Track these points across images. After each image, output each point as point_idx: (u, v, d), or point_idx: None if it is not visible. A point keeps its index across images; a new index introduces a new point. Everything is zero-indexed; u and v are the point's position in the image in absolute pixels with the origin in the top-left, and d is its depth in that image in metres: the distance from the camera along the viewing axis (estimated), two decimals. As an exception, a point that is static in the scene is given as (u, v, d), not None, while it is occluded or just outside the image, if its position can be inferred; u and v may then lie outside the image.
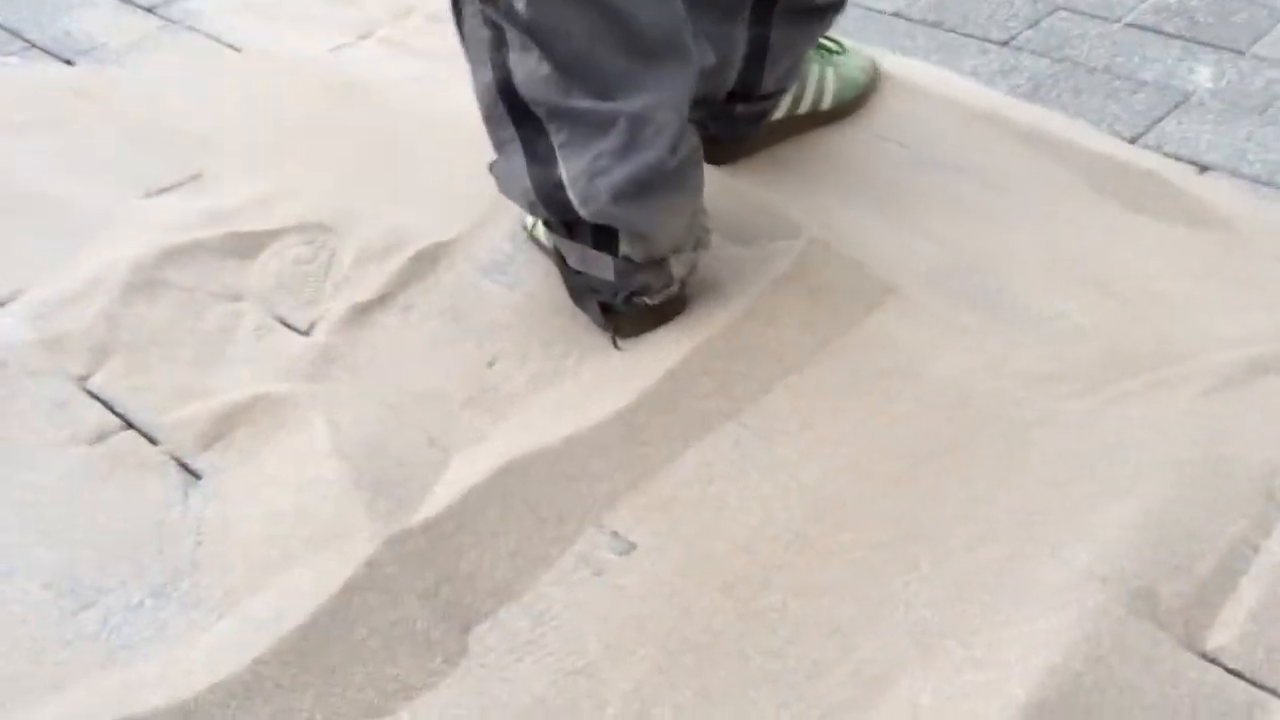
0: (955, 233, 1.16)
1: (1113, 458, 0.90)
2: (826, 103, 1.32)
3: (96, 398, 0.97)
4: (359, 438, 0.91)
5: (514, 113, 0.96)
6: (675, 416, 0.95)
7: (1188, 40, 1.52)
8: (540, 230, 1.11)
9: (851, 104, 1.35)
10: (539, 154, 0.96)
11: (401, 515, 0.84)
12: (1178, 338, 1.01)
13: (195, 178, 1.27)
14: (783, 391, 0.98)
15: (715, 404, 0.96)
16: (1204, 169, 1.26)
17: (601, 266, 1.00)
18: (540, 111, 0.94)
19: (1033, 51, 1.51)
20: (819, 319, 1.04)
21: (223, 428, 0.93)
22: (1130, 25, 1.56)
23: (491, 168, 1.04)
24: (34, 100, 1.42)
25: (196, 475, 0.90)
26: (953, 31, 1.57)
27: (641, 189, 0.94)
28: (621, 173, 0.93)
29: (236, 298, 1.08)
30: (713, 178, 1.23)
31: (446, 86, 1.44)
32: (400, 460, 0.90)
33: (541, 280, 1.11)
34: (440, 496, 0.86)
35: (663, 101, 0.94)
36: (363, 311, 1.06)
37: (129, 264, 1.09)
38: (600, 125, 0.93)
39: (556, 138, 0.95)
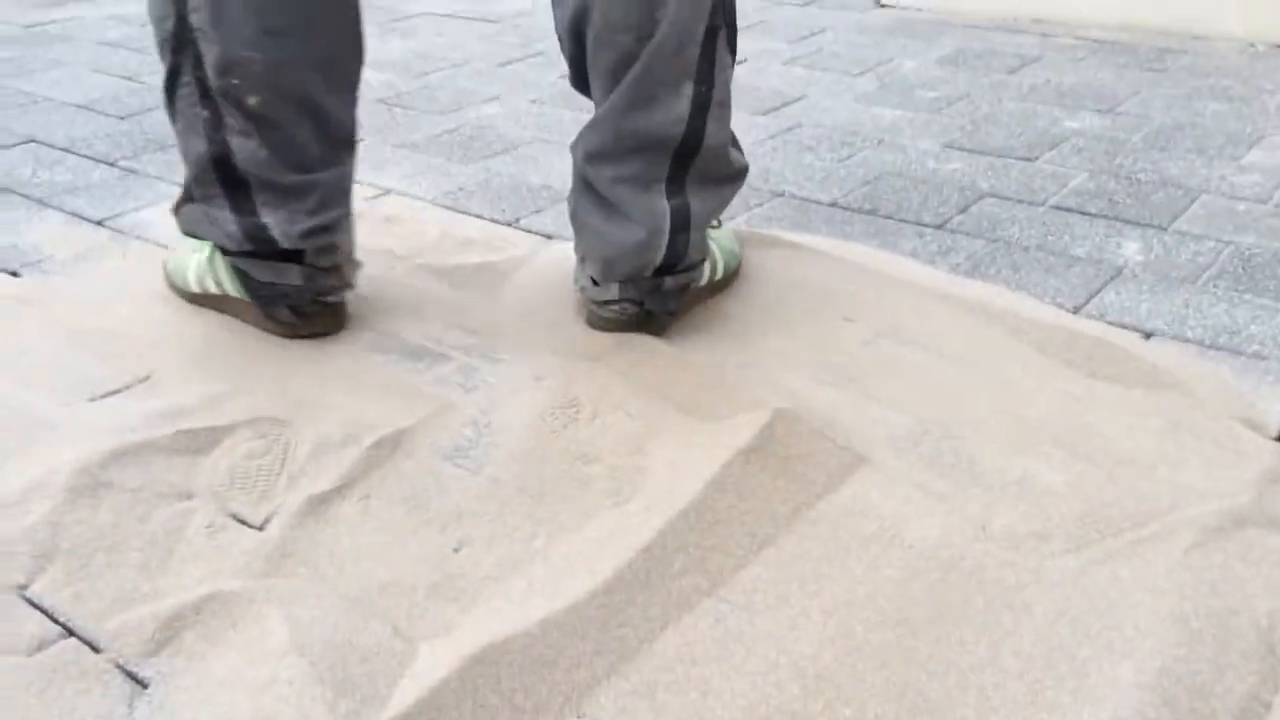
0: (917, 401, 1.17)
1: (1109, 617, 0.88)
2: (719, 274, 1.39)
3: (36, 606, 0.90)
4: (319, 633, 0.85)
5: (224, 178, 1.21)
6: (652, 595, 0.91)
7: (1111, 219, 1.60)
8: (213, 280, 1.33)
9: (734, 274, 1.43)
10: (243, 208, 1.22)
11: (367, 714, 0.78)
12: (1154, 495, 1.01)
13: (144, 380, 1.24)
14: (761, 564, 0.95)
15: (692, 581, 0.93)
16: (1149, 335, 1.30)
17: (291, 275, 1.25)
18: (250, 181, 1.21)
19: (967, 233, 1.57)
20: (791, 490, 1.02)
21: (170, 631, 0.86)
22: (1055, 208, 1.65)
23: (177, 212, 1.30)
24: (-22, 311, 1.39)
25: (143, 684, 0.83)
26: (888, 218, 1.64)
27: (327, 229, 1.24)
28: (314, 221, 1.23)
29: (186, 496, 1.03)
30: (665, 354, 1.24)
31: (399, 281, 1.45)
32: (364, 655, 0.84)
33: (505, 464, 1.09)
34: (408, 691, 0.79)
35: (344, 175, 1.27)
36: (320, 503, 1.02)
37: (72, 467, 1.04)
38: (298, 192, 1.22)
39: (259, 198, 1.22)
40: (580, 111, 2.14)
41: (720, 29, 1.19)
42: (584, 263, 1.29)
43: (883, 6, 2.88)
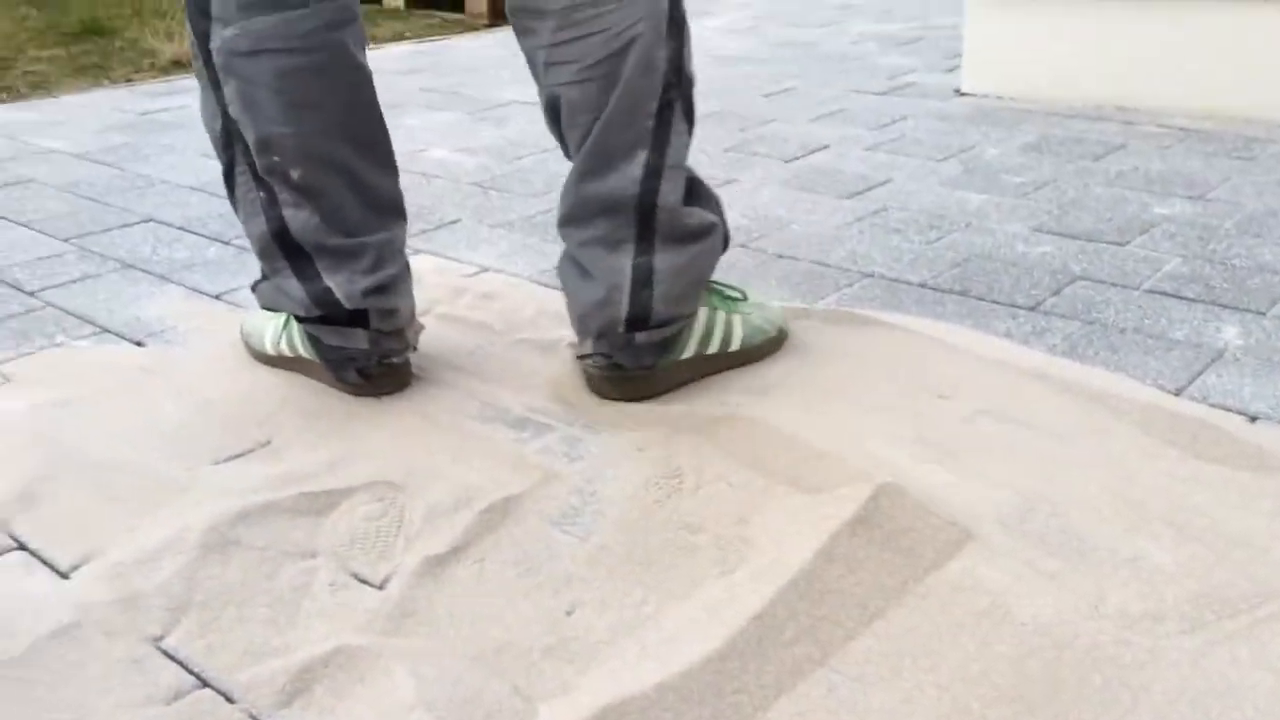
0: (1021, 478, 1.17)
1: (1228, 698, 0.86)
2: (734, 345, 1.42)
3: (172, 657, 0.94)
4: (443, 690, 0.87)
5: (286, 249, 1.32)
6: (764, 663, 0.92)
7: (1208, 303, 1.60)
8: (286, 343, 1.43)
9: (759, 349, 1.45)
10: (308, 275, 1.33)
11: (493, 770, 0.79)
12: (1268, 577, 1.00)
13: (264, 445, 1.29)
14: (872, 637, 0.95)
15: (804, 650, 0.94)
16: (1254, 418, 1.29)
17: (358, 339, 1.34)
18: (309, 248, 1.32)
19: (1061, 315, 1.58)
20: (898, 563, 1.03)
21: (301, 684, 0.89)
22: (1150, 292, 1.65)
23: (255, 289, 1.43)
24: (104, 376, 1.47)
25: (274, 734, 0.86)
26: (980, 299, 1.65)
27: (386, 286, 1.34)
28: (371, 280, 1.32)
29: (310, 555, 1.07)
30: (764, 427, 1.26)
31: (500, 354, 1.50)
32: (487, 712, 0.86)
33: (612, 531, 1.11)
34: (532, 750, 0.81)
35: (394, 234, 1.36)
36: (437, 565, 1.05)
37: (203, 526, 1.09)
38: (352, 253, 1.32)
39: (320, 263, 1.32)
40: (670, 195, 2.20)
41: (675, 102, 1.30)
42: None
43: (962, 95, 2.93)
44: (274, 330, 1.46)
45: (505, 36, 4.34)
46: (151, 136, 2.82)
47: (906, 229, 1.96)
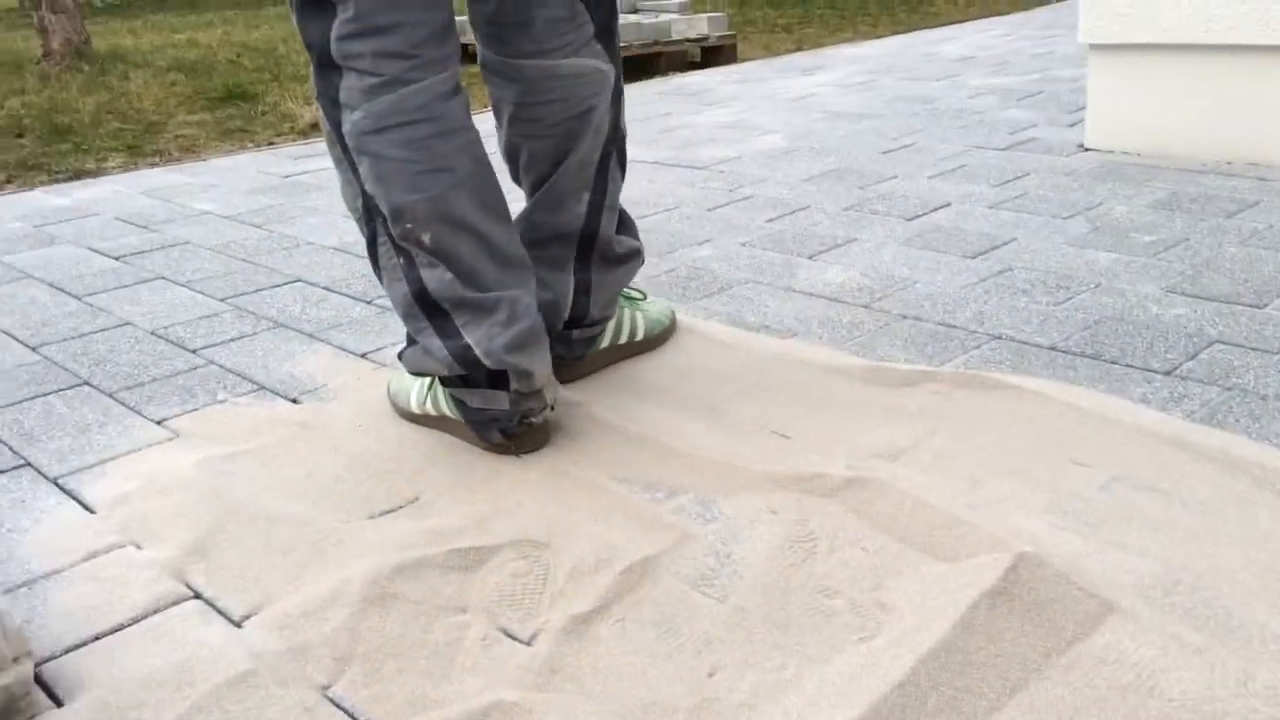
0: (1162, 549, 1.16)
1: (1392, 785, 0.84)
2: (639, 335, 1.75)
3: (339, 706, 1.00)
4: (595, 747, 0.91)
5: (426, 309, 1.41)
6: (907, 733, 0.93)
7: (1356, 368, 1.55)
8: (431, 403, 1.52)
9: (659, 337, 1.79)
10: (449, 333, 1.41)
11: (646, 828, 0.82)
12: None
13: (413, 500, 1.36)
14: (1015, 709, 0.96)
15: (946, 720, 0.95)
16: None
17: (499, 401, 1.42)
18: (447, 305, 1.40)
19: (1199, 380, 1.56)
20: (1040, 635, 1.03)
21: (460, 735, 0.94)
22: (1292, 355, 1.61)
23: (401, 356, 1.50)
24: (264, 432, 1.56)
25: (436, 783, 0.90)
26: (1113, 363, 1.64)
27: (523, 342, 1.40)
28: (509, 334, 1.39)
29: (461, 610, 1.13)
30: (895, 491, 1.27)
31: (636, 415, 1.54)
32: (638, 771, 0.89)
33: (749, 593, 1.14)
34: (683, 809, 0.84)
35: (524, 290, 1.43)
36: (581, 623, 1.10)
37: (363, 579, 1.15)
38: (489, 307, 1.40)
39: (459, 320, 1.40)
40: (791, 255, 2.24)
41: (612, 154, 1.59)
42: None
43: (1086, 150, 2.90)
44: (419, 390, 1.54)
45: (623, 95, 4.46)
46: (295, 199, 2.99)
47: (1033, 289, 1.96)
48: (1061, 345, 1.71)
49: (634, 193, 2.83)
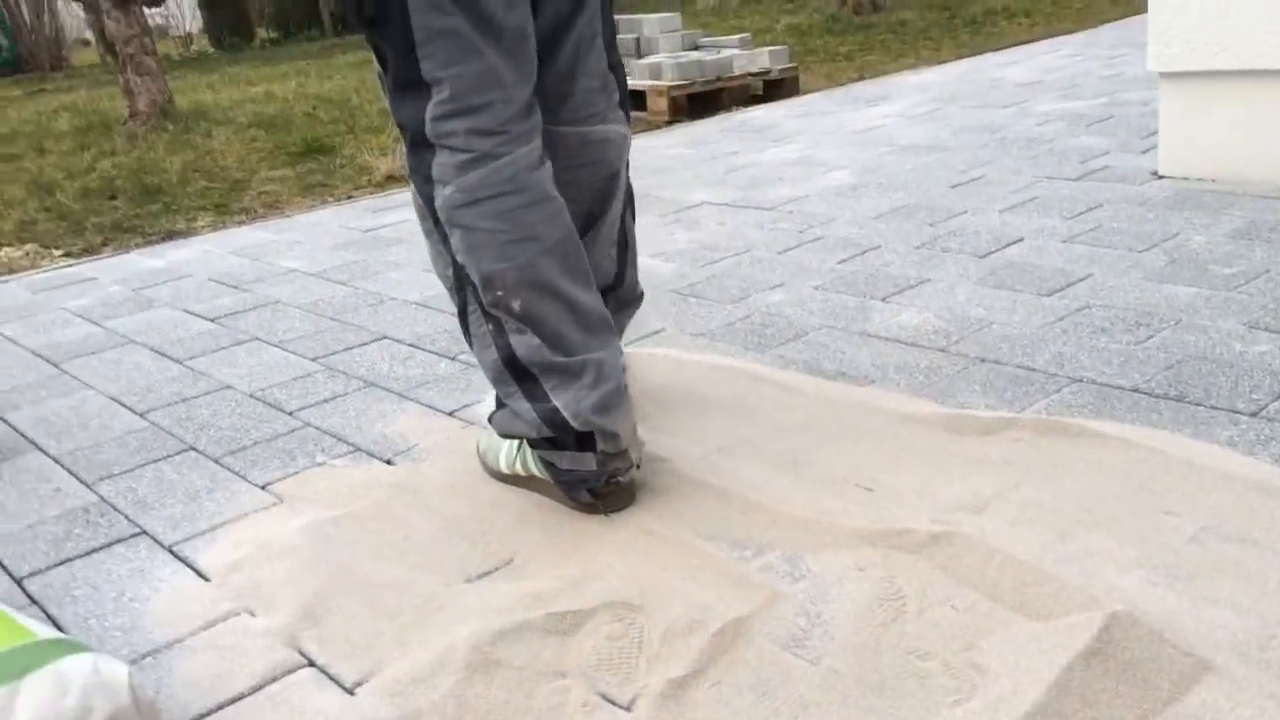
0: (1257, 603, 1.16)
1: None
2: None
3: (452, 772, 1.04)
4: (699, 815, 0.94)
5: (515, 374, 1.46)
6: (1006, 798, 0.95)
7: None
8: (520, 464, 1.57)
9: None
10: (538, 396, 1.45)
11: None
12: None
13: (508, 562, 1.41)
14: (1113, 772, 0.97)
15: (1045, 785, 0.96)
16: None
17: (586, 462, 1.46)
18: (535, 370, 1.45)
19: (1288, 422, 1.54)
20: (1135, 696, 1.04)
21: (568, 803, 0.98)
22: (1385, 393, 1.59)
23: (491, 419, 1.55)
24: (361, 494, 1.63)
25: None
26: (1197, 405, 1.63)
27: (608, 404, 1.44)
28: (595, 396, 1.44)
29: (561, 675, 1.17)
30: (983, 547, 1.28)
31: (720, 470, 1.58)
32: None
33: (841, 655, 1.16)
34: None
35: (609, 352, 1.48)
36: (678, 687, 1.13)
37: (467, 645, 1.20)
38: (575, 371, 1.44)
39: (547, 384, 1.45)
40: (864, 298, 2.26)
41: (628, 208, 1.71)
42: None
43: (1160, 178, 2.87)
44: (509, 451, 1.59)
45: (686, 133, 4.52)
46: (376, 253, 3.08)
47: (1113, 328, 1.95)
48: (1144, 387, 1.71)
49: (705, 236, 2.87)
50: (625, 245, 1.71)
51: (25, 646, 1.10)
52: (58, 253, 3.57)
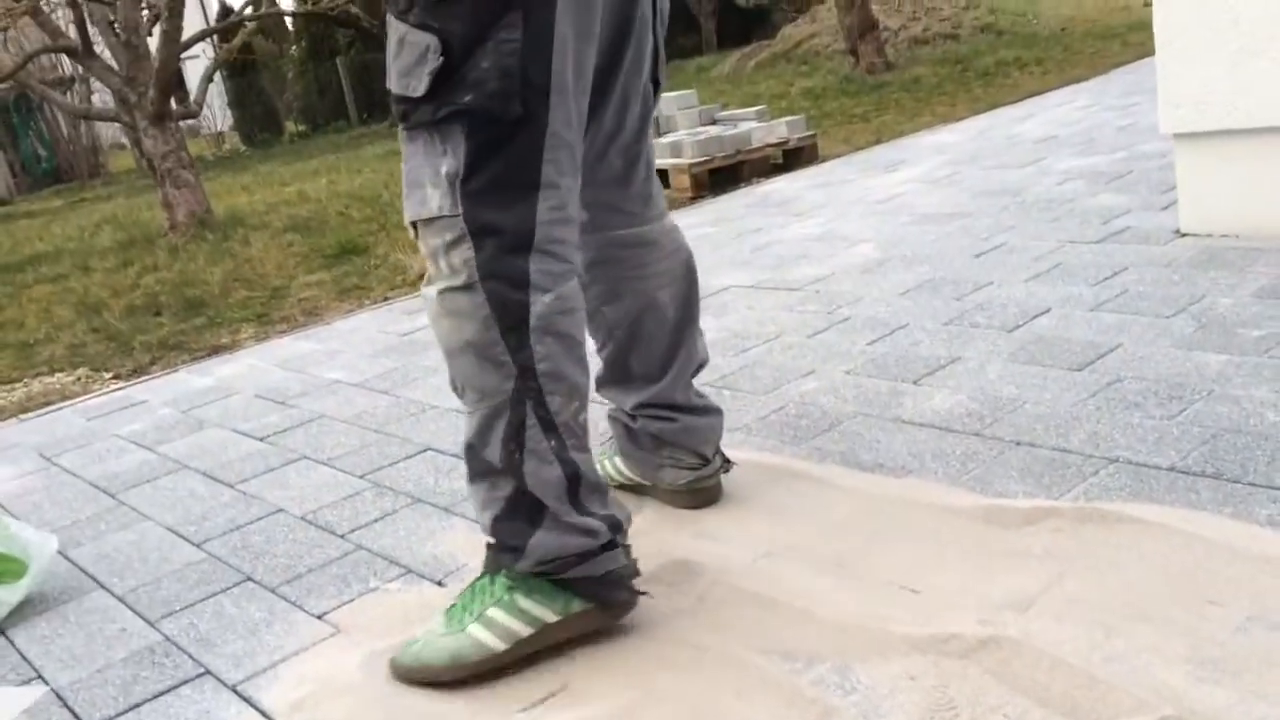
0: (1310, 701, 1.16)
1: None
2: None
3: None
4: None
5: (586, 488, 1.49)
6: None
7: None
8: (523, 622, 1.47)
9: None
10: (608, 505, 1.52)
11: None
12: None
13: (561, 690, 1.43)
14: None
15: None
16: None
17: (620, 556, 1.51)
18: (599, 484, 1.52)
19: (1328, 497, 1.55)
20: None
21: None
22: None
23: (521, 554, 1.47)
24: (415, 620, 1.66)
25: None
26: (1235, 482, 1.64)
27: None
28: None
29: (622, 807, 1.19)
30: (1031, 650, 1.29)
31: (771, 575, 1.60)
32: None
33: (898, 774, 1.17)
34: None
35: None
36: (738, 816, 1.15)
37: (528, 779, 1.23)
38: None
39: (609, 494, 1.54)
40: (896, 381, 2.29)
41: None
42: (678, 457, 1.83)
43: (1182, 235, 2.89)
44: (497, 619, 1.46)
45: (710, 211, 4.59)
46: (414, 358, 3.16)
47: (1145, 402, 1.96)
48: (1180, 465, 1.72)
49: (734, 323, 2.91)
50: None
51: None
52: (107, 375, 3.68)
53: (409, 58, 1.37)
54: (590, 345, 1.66)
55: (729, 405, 2.33)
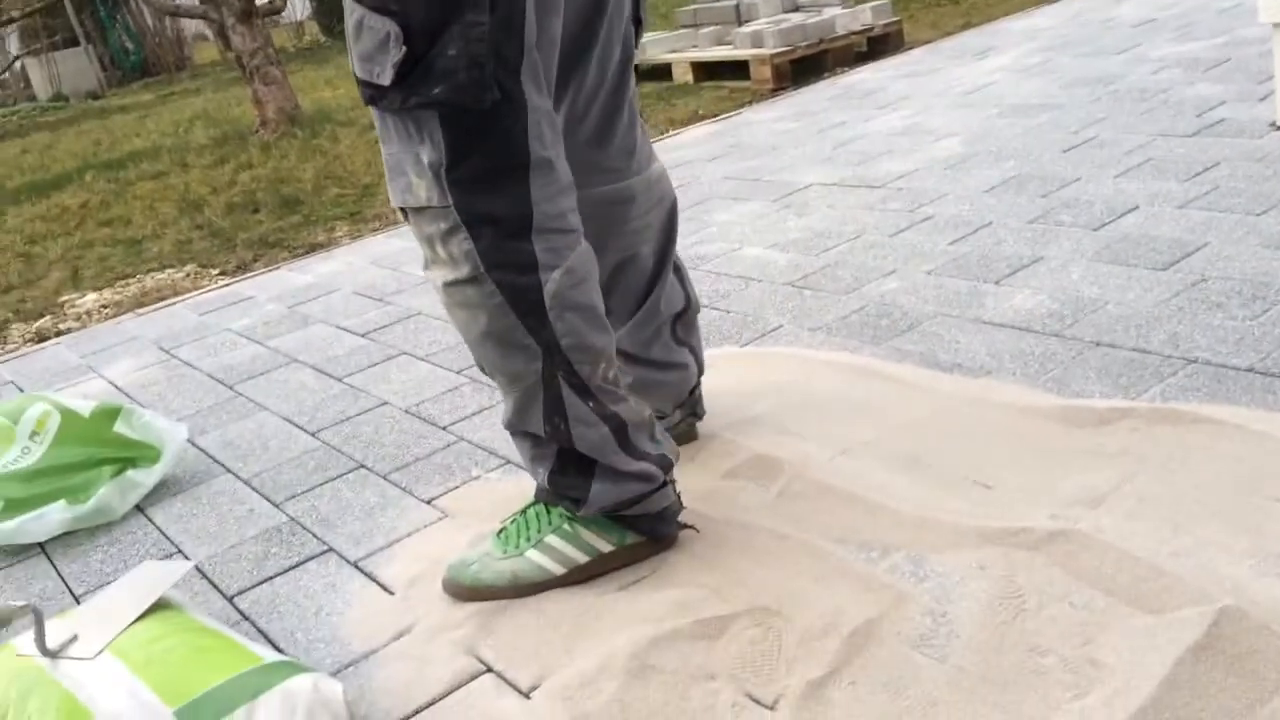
0: (1367, 595, 1.22)
1: None
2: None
3: (623, 769, 1.20)
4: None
5: (638, 435, 1.51)
6: (1121, 787, 1.05)
7: None
8: (581, 550, 1.54)
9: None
10: (657, 443, 1.54)
11: None
12: None
13: (655, 571, 1.55)
14: (1223, 762, 1.06)
15: (1158, 775, 1.06)
16: None
17: (670, 492, 1.55)
18: (647, 425, 1.54)
19: (1407, 400, 1.57)
20: (1243, 687, 1.12)
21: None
22: None
23: (582, 504, 1.50)
24: (516, 506, 1.79)
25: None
26: (1316, 384, 1.66)
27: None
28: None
29: (710, 677, 1.31)
30: (1099, 543, 1.36)
31: (846, 472, 1.68)
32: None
33: (965, 653, 1.27)
34: None
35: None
36: (818, 687, 1.26)
37: (625, 652, 1.35)
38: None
39: (659, 432, 1.57)
40: (977, 281, 2.32)
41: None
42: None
43: (1278, 128, 2.82)
44: (554, 545, 1.53)
45: (792, 104, 4.56)
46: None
47: (1229, 302, 1.97)
48: (1259, 366, 1.74)
49: (816, 222, 2.94)
50: (679, 266, 1.74)
51: (256, 670, 1.29)
52: (214, 271, 3.86)
53: (369, 43, 1.26)
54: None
55: (810, 305, 2.39)
